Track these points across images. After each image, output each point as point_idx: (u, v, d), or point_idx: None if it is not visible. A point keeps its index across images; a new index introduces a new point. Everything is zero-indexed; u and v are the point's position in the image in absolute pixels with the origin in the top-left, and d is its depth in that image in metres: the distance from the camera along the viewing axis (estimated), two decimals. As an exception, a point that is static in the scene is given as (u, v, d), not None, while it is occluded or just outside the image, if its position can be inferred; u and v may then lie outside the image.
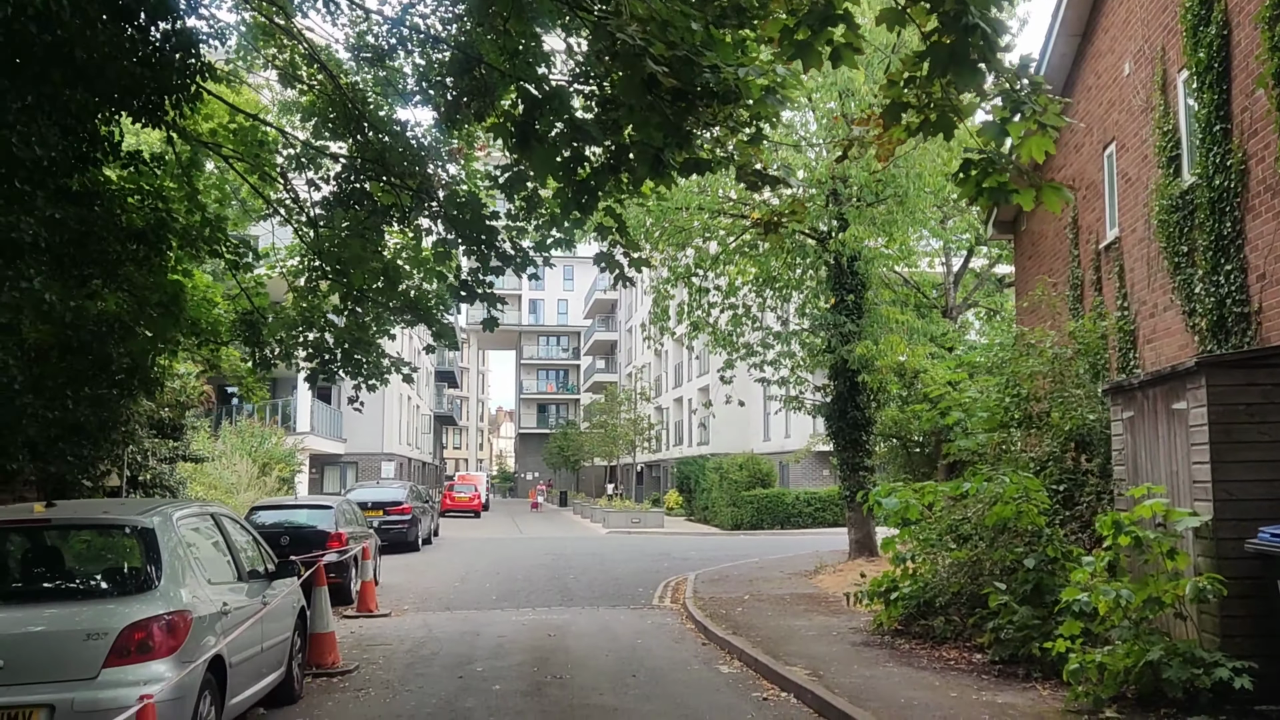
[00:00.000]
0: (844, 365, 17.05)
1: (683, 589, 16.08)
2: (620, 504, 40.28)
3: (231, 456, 27.17)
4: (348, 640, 11.34)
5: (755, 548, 25.18)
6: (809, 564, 18.57)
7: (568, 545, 27.12)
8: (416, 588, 16.92)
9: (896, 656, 9.16)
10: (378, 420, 41.16)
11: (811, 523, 32.65)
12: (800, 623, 11.58)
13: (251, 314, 12.13)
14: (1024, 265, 16.79)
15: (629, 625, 12.47)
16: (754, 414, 43.04)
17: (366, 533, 16.51)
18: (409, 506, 23.79)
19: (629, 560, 21.98)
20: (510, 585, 17.23)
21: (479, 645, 10.88)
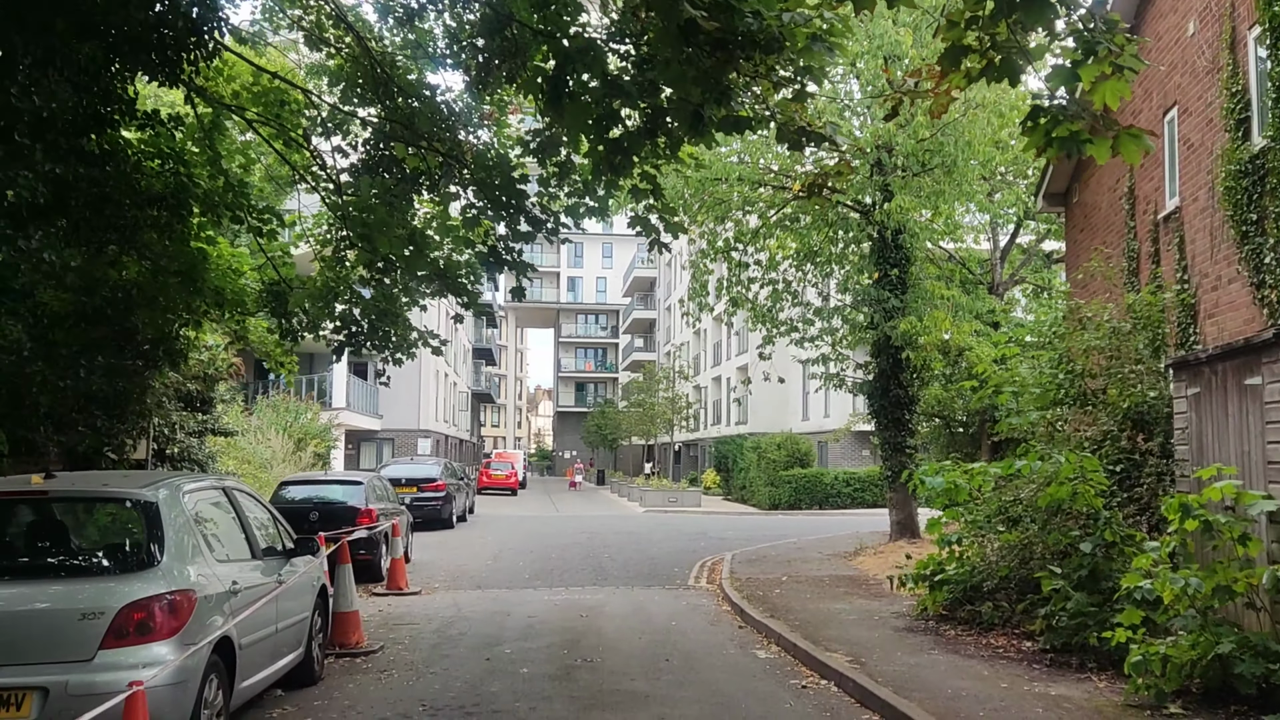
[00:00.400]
0: (887, 342, 16.50)
1: (719, 569, 15.71)
2: (657, 483, 40.00)
3: (266, 431, 27.23)
4: (375, 619, 11.11)
5: (793, 528, 24.75)
6: (848, 545, 18.11)
7: (604, 524, 26.87)
8: (449, 565, 16.71)
9: (942, 643, 8.71)
10: (414, 396, 41.16)
11: (850, 503, 32.12)
12: (840, 606, 11.15)
13: (278, 284, 11.88)
14: (1075, 239, 16.10)
15: (664, 606, 12.12)
16: (792, 393, 42.49)
17: (398, 509, 16.31)
18: (443, 483, 23.62)
19: (665, 539, 21.66)
20: (544, 564, 16.96)
21: (508, 626, 10.59)
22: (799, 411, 41.57)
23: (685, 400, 47.32)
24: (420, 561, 17.19)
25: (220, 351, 15.56)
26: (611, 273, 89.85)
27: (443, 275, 10.01)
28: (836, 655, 8.25)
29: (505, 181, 8.44)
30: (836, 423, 36.34)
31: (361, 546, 14.29)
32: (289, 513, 14.46)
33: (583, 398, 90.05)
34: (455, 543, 20.80)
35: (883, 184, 15.42)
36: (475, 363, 68.73)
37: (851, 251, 18.48)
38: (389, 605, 12.28)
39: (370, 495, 14.93)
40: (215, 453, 16.89)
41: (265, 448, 26.23)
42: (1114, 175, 14.42)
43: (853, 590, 12.55)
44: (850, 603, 11.43)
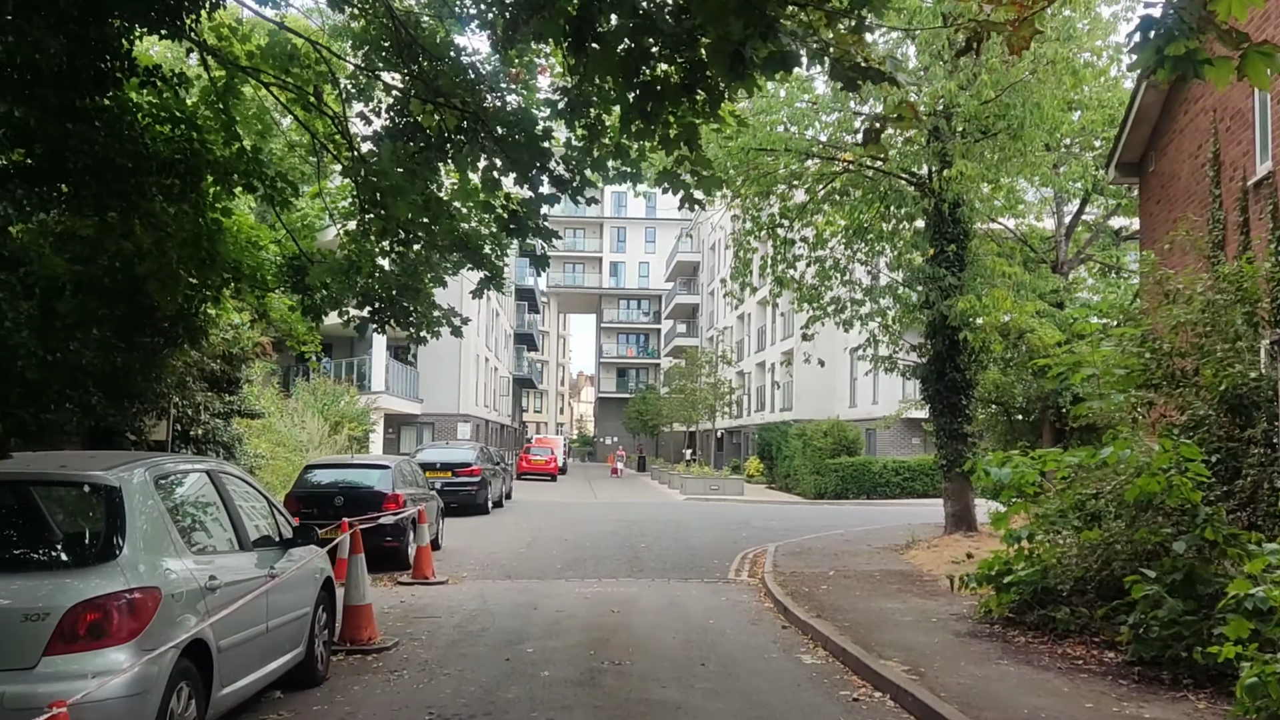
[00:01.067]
0: (943, 322, 15.51)
1: (761, 562, 14.89)
2: (699, 470, 39.20)
3: (302, 414, 26.86)
4: (395, 611, 10.47)
5: (840, 518, 23.82)
6: (899, 538, 17.17)
7: (642, 511, 26.14)
8: (479, 553, 16.08)
9: (1011, 651, 7.83)
10: (454, 381, 40.75)
11: (900, 493, 31.06)
12: (893, 605, 10.29)
13: (298, 259, 11.26)
14: (1151, 211, 14.98)
15: (701, 602, 11.34)
16: (839, 379, 41.38)
17: (427, 494, 15.70)
18: (478, 468, 23.04)
19: (705, 529, 20.87)
20: (578, 553, 16.27)
21: (534, 621, 9.88)
22: (846, 398, 40.46)
23: (728, 385, 46.35)
24: (451, 549, 16.58)
25: (246, 330, 15.01)
26: (654, 257, 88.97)
27: (464, 245, 9.29)
28: (892, 664, 7.41)
29: (529, 138, 7.68)
30: (885, 410, 35.23)
31: (388, 533, 13.73)
32: (313, 497, 13.97)
33: (624, 383, 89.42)
34: (489, 529, 20.20)
35: (940, 151, 14.40)
36: (517, 348, 68.33)
37: (904, 228, 17.48)
38: (412, 596, 11.64)
39: (398, 480, 14.32)
40: (242, 435, 16.39)
41: (301, 430, 25.88)
42: (1196, 141, 13.31)
43: (906, 588, 11.66)
44: (904, 602, 10.55)
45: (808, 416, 39.42)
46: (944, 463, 15.77)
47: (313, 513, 13.59)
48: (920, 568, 13.38)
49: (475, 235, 9.35)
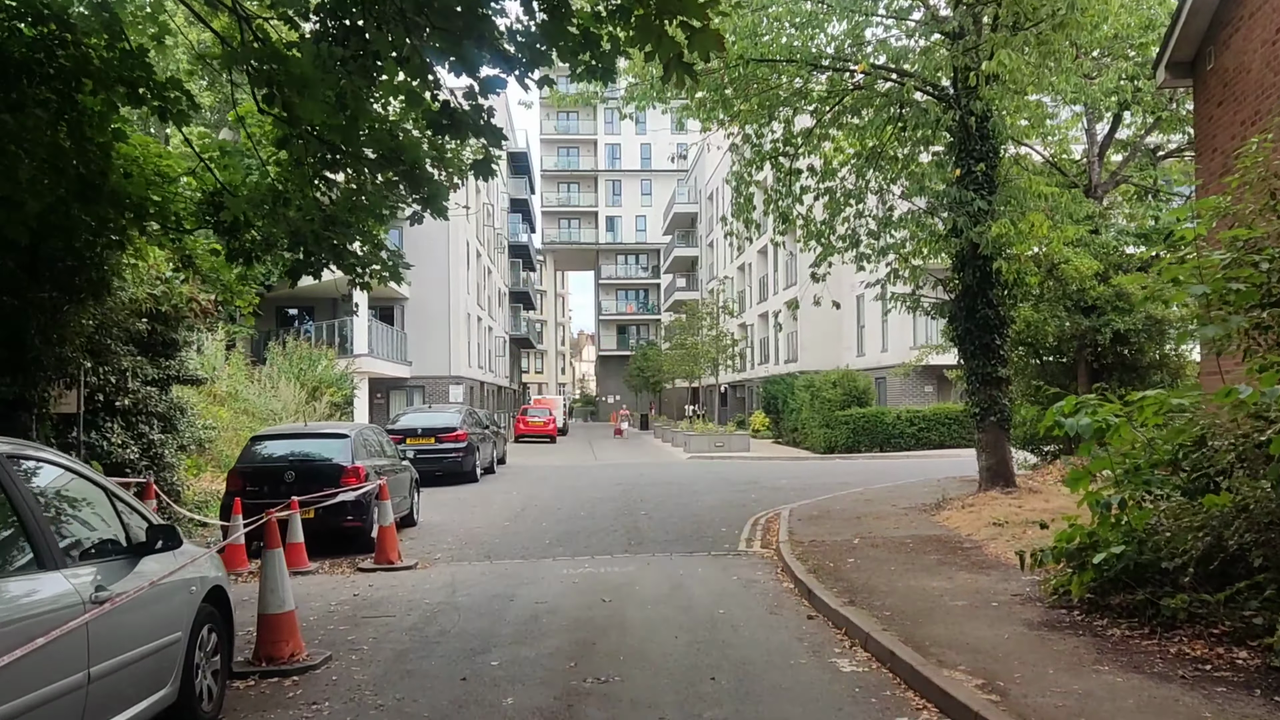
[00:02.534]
0: (973, 252, 13.66)
1: (775, 528, 13.19)
2: (702, 427, 37.50)
3: (276, 381, 25.11)
4: (343, 608, 8.77)
5: (855, 474, 22.13)
6: (926, 496, 15.47)
7: (644, 473, 24.45)
8: (460, 528, 14.39)
9: (1107, 651, 6.09)
10: (444, 342, 38.95)
11: (915, 444, 29.36)
12: (938, 584, 8.56)
13: (218, 193, 9.43)
14: (1210, 114, 13.02)
15: (709, 583, 9.63)
16: (846, 327, 39.58)
17: (397, 466, 13.97)
18: (464, 433, 21.32)
19: (711, 490, 19.18)
20: (570, 524, 14.57)
21: (507, 619, 8.17)
22: (853, 347, 38.67)
23: (730, 338, 44.45)
24: (429, 524, 14.91)
25: (178, 285, 13.19)
26: (651, 210, 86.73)
27: (396, 159, 7.43)
28: (958, 674, 5.68)
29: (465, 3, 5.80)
30: (896, 357, 33.47)
31: (348, 512, 12.05)
32: (260, 473, 12.22)
33: (625, 340, 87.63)
34: (475, 499, 18.52)
35: (972, 45, 12.40)
36: (513, 307, 66.46)
37: (921, 153, 15.55)
38: (370, 587, 9.94)
39: (359, 450, 12.57)
40: (188, 404, 14.62)
41: (275, 399, 24.15)
42: (1271, 26, 11.38)
43: (948, 558, 9.94)
44: (950, 578, 8.82)
45: (814, 367, 37.69)
46: (977, 411, 13.99)
47: (260, 490, 11.92)
48: (958, 532, 11.66)
49: (410, 144, 7.47)
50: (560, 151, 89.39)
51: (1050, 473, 16.43)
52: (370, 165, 7.65)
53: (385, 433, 14.57)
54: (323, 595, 9.48)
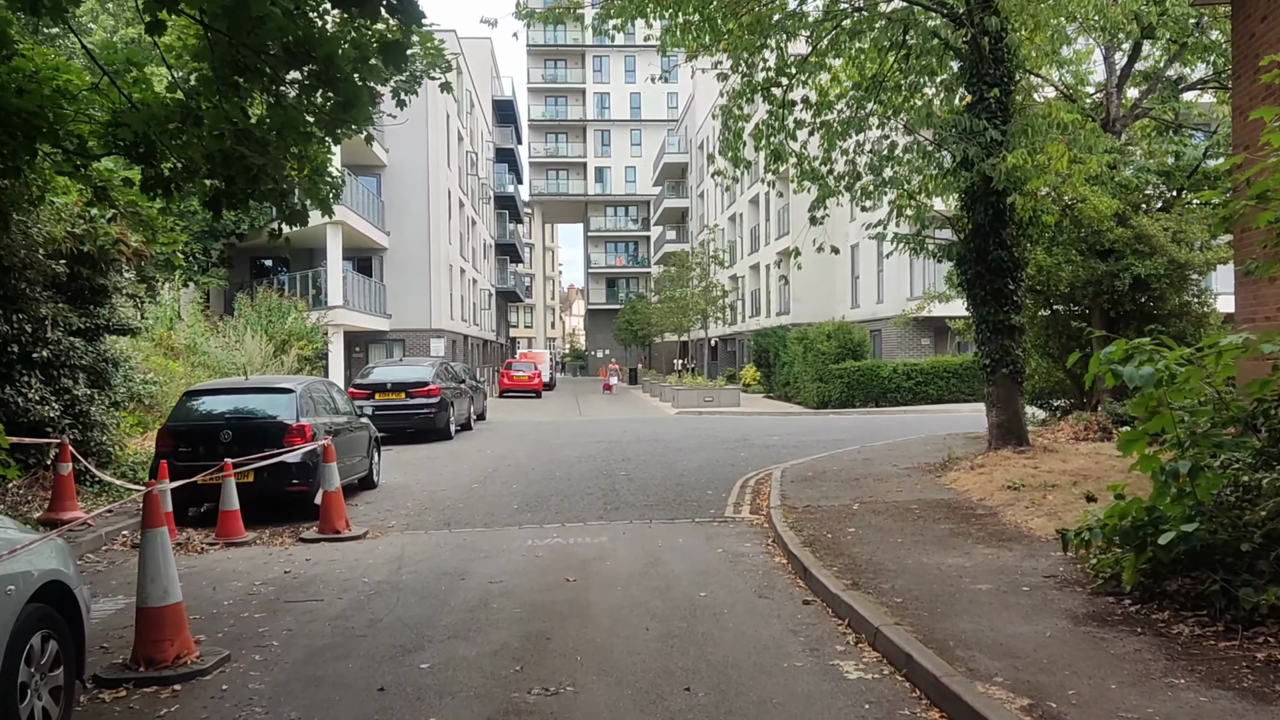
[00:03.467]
0: (985, 187, 12.37)
1: (766, 491, 12.05)
2: (691, 381, 36.33)
3: (243, 333, 23.80)
4: (266, 589, 7.59)
5: (851, 430, 21.01)
6: (930, 454, 14.34)
7: (628, 430, 23.29)
8: (422, 491, 13.22)
9: (1177, 654, 4.91)
10: (424, 294, 37.51)
11: (912, 399, 28.24)
12: (955, 560, 7.40)
13: (127, 111, 8.07)
14: (1251, 32, 11.65)
15: (690, 558, 8.46)
16: (839, 278, 38.31)
17: (354, 423, 12.75)
18: (436, 388, 20.07)
19: (698, 448, 18.02)
20: (543, 486, 13.40)
21: (452, 603, 6.99)
22: (847, 299, 37.42)
23: (720, 289, 43.07)
24: (391, 486, 13.73)
25: (105, 224, 11.82)
26: (641, 161, 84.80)
27: (304, 54, 6.09)
28: (997, 691, 4.51)
29: None
30: (892, 309, 32.26)
31: (293, 475, 10.84)
32: (194, 432, 10.97)
33: (614, 294, 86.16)
34: (446, 458, 17.32)
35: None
36: (499, 259, 64.90)
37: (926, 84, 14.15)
38: (307, 561, 8.76)
39: (305, 406, 11.32)
40: (122, 356, 13.31)
41: (239, 352, 22.86)
42: (1332, -75, 10.03)
43: (961, 527, 8.78)
44: (968, 553, 7.66)
45: (807, 320, 36.47)
46: (987, 362, 12.78)
47: (194, 451, 10.71)
48: (969, 496, 10.51)
49: (324, 38, 6.13)
50: (549, 101, 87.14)
51: (1062, 429, 15.29)
52: (274, 61, 6.29)
53: (338, 387, 13.30)
54: (249, 573, 8.29)
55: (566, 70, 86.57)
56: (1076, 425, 15.24)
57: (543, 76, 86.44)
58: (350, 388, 20.13)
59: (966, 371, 28.36)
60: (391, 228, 36.90)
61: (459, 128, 44.22)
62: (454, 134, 42.33)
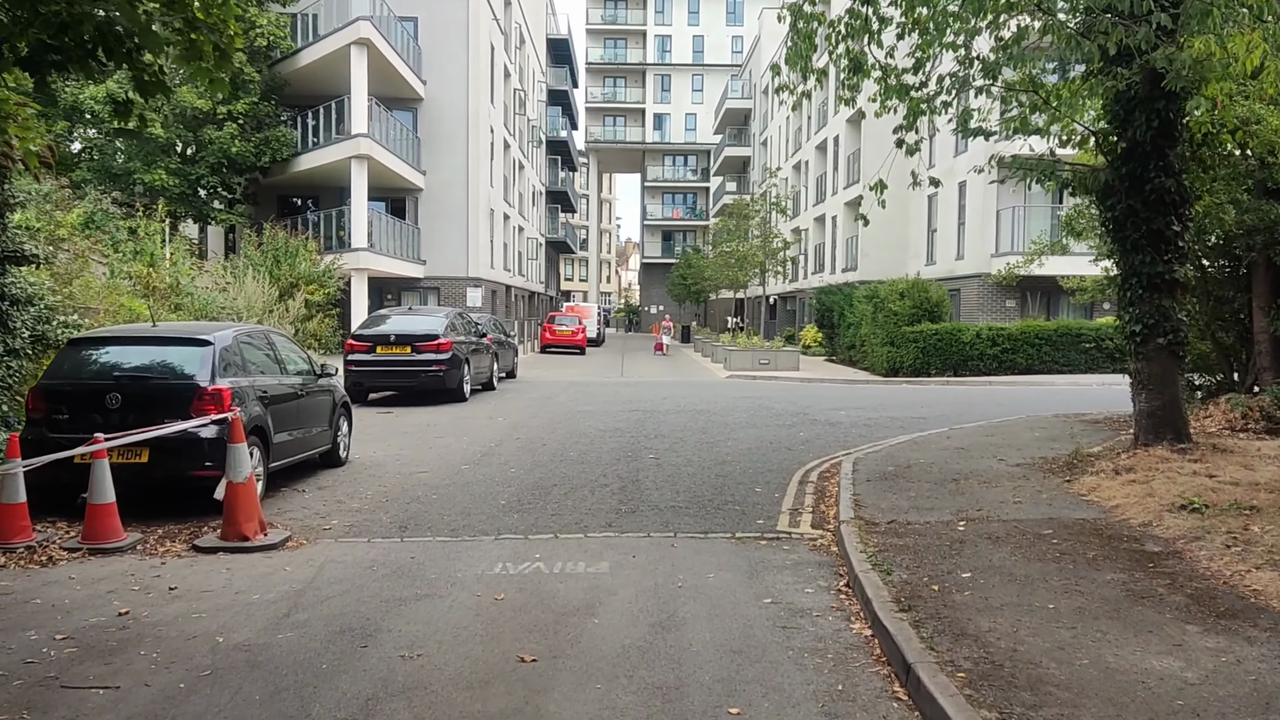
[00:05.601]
0: (1150, 89, 9.09)
1: (833, 492, 9.11)
2: (746, 342, 33.21)
3: (242, 274, 21.31)
4: (58, 653, 4.90)
5: (932, 405, 17.85)
6: (1042, 443, 11.25)
7: (670, 395, 20.36)
8: (397, 471, 10.50)
9: None
10: (461, 238, 34.79)
11: (997, 368, 24.84)
12: (1164, 663, 4.39)
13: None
14: None
15: (721, 616, 5.57)
16: (914, 232, 34.75)
17: (308, 385, 10.03)
18: (447, 342, 17.33)
19: (749, 423, 15.05)
20: (548, 471, 10.60)
21: (312, 712, 4.20)
22: (922, 254, 33.86)
23: (781, 240, 39.62)
24: (363, 463, 11.07)
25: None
26: (702, 108, 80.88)
27: None
28: None
29: None
30: (973, 266, 28.76)
31: (206, 455, 8.15)
32: (75, 393, 8.27)
33: (670, 248, 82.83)
34: (447, 426, 14.61)
35: None
36: (550, 208, 61.95)
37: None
38: (170, 592, 6.06)
39: (226, 363, 8.60)
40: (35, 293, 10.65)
41: (235, 296, 20.38)
42: None
43: (1137, 579, 5.74)
44: (1176, 640, 4.64)
45: (876, 278, 33.04)
46: (1137, 329, 9.55)
47: (71, 419, 8.06)
48: (1124, 518, 7.43)
49: None
50: (607, 43, 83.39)
51: (1210, 416, 12.05)
52: None
53: (287, 338, 10.52)
54: (74, 609, 5.63)
55: (627, 10, 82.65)
56: (1230, 412, 11.98)
57: (601, 17, 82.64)
58: (349, 339, 17.51)
59: (1061, 338, 24.88)
60: (428, 166, 34.15)
61: (505, 62, 41.13)
62: (499, 68, 39.29)
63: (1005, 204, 27.95)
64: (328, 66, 29.26)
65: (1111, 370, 24.76)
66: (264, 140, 28.46)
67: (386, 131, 30.38)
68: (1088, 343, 24.90)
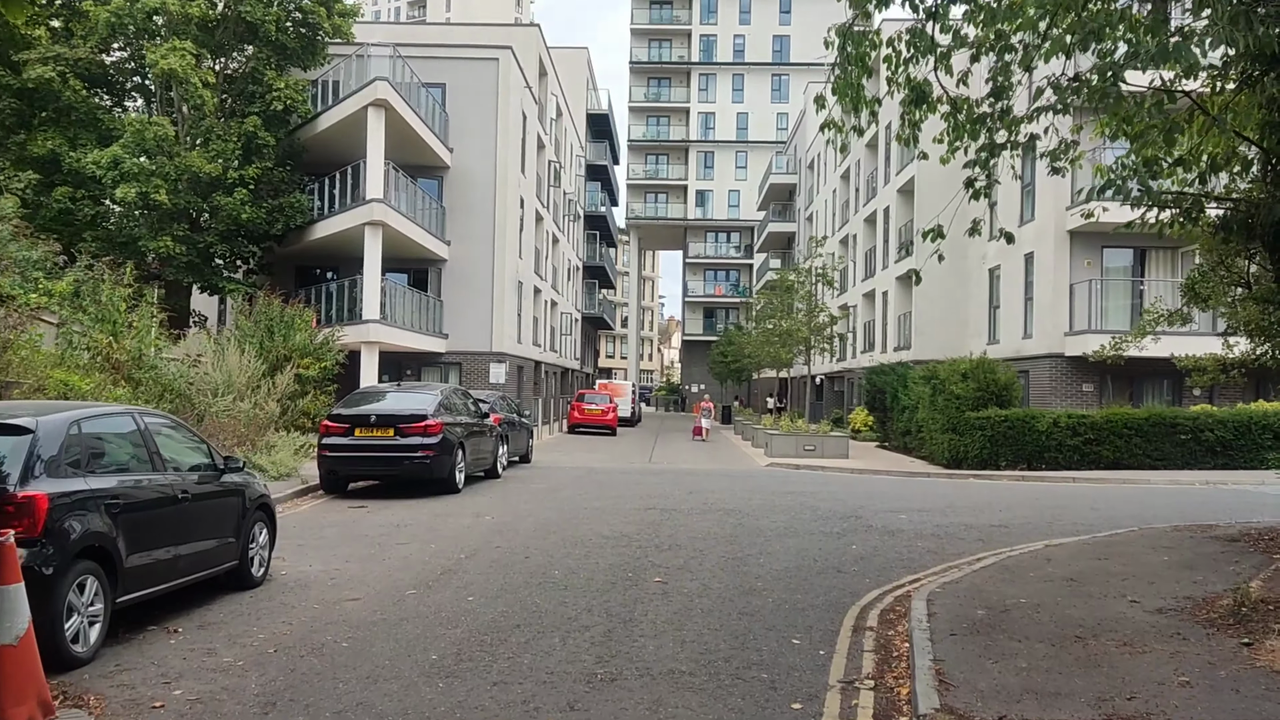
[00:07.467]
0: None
1: (902, 648, 6.44)
2: (788, 425, 30.43)
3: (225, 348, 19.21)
4: None
5: (1011, 509, 14.93)
6: (1177, 571, 8.42)
7: (696, 490, 17.63)
8: (318, 597, 7.95)
9: None
10: (485, 311, 32.70)
11: (1078, 461, 21.76)
12: None
13: None
14: None
15: None
16: (974, 308, 32.02)
17: (198, 487, 7.58)
18: (437, 423, 14.88)
19: (787, 530, 12.31)
20: (515, 604, 7.98)
21: None
22: (983, 332, 31.05)
23: (828, 313, 37.00)
24: (287, 579, 8.64)
25: None
26: (745, 185, 79.39)
27: None
28: None
29: None
30: (1042, 346, 25.89)
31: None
32: None
33: (712, 325, 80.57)
34: (419, 528, 12.03)
35: None
36: (587, 283, 60.14)
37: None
38: None
39: (45, 459, 6.19)
40: None
41: (206, 371, 18.26)
42: None
43: None
44: None
45: (931, 357, 30.26)
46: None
47: None
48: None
49: None
50: (649, 121, 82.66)
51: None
52: None
53: (172, 420, 8.08)
54: None
55: (670, 88, 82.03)
56: None
57: (645, 95, 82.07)
58: (324, 420, 15.14)
59: (1153, 429, 21.77)
60: (453, 236, 32.32)
61: (539, 132, 39.59)
62: (532, 138, 37.68)
63: (1079, 277, 25.19)
64: (346, 131, 27.69)
65: (1212, 466, 21.55)
66: (277, 207, 26.78)
67: (408, 199, 28.62)
68: (1184, 434, 21.76)
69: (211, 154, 24.50)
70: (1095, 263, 25.49)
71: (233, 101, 27.11)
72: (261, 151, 26.19)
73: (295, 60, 27.52)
